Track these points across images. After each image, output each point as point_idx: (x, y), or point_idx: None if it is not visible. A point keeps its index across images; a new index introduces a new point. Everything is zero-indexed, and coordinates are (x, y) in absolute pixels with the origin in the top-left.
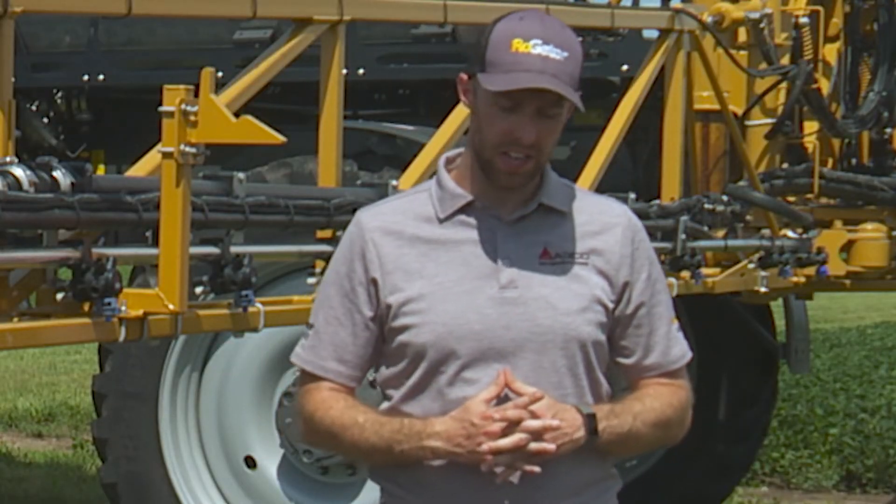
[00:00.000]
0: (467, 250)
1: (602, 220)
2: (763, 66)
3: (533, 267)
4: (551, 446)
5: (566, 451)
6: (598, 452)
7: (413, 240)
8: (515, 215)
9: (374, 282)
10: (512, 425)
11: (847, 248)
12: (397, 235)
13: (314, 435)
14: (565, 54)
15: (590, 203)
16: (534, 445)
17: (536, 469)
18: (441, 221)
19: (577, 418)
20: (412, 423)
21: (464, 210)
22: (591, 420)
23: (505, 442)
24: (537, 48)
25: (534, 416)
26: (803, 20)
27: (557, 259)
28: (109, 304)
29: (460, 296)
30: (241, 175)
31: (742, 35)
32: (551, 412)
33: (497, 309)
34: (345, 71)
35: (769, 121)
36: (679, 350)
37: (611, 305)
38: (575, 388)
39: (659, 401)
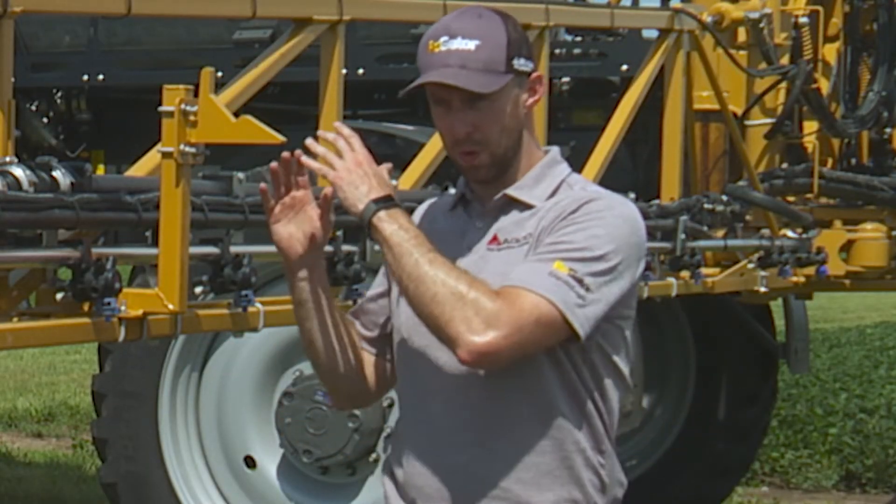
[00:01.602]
0: (449, 240)
1: (561, 205)
2: (763, 65)
3: (481, 254)
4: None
5: (345, 203)
6: (554, 441)
7: (429, 229)
8: (489, 207)
9: None
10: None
11: (847, 248)
12: (420, 225)
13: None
14: (476, 42)
15: (571, 193)
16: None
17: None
18: (447, 213)
19: (367, 194)
20: None
21: (461, 202)
22: (376, 204)
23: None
24: (445, 44)
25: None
26: (803, 20)
27: (504, 245)
28: (109, 304)
29: None
30: (241, 175)
31: (742, 35)
32: (377, 172)
33: None
34: (345, 71)
35: (769, 121)
36: (520, 276)
37: None
38: (524, 366)
39: (471, 280)
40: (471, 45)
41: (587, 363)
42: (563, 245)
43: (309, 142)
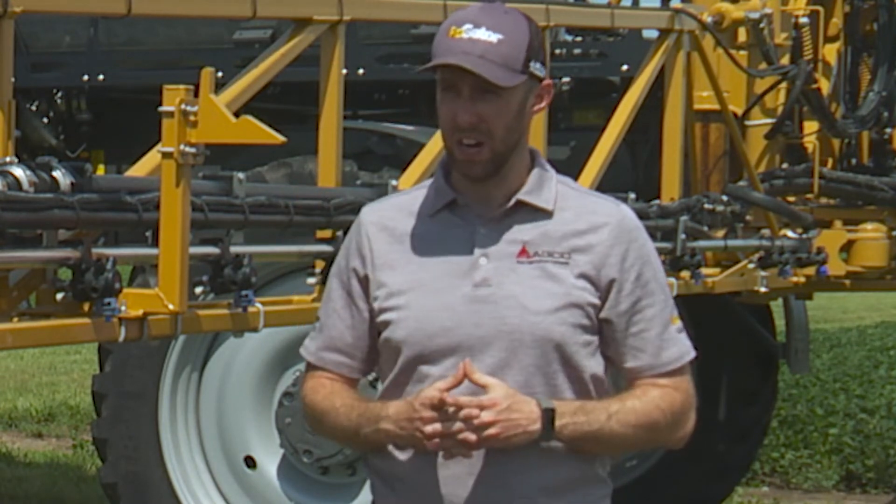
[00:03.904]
0: (449, 247)
1: (590, 219)
2: (763, 66)
3: (509, 265)
4: (492, 431)
5: (519, 443)
6: (577, 452)
7: (402, 236)
8: (496, 213)
9: (366, 277)
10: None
11: (847, 248)
12: (390, 231)
13: (308, 420)
14: (499, 36)
15: (583, 202)
16: (467, 435)
17: (469, 454)
18: (430, 218)
19: (533, 411)
20: (373, 406)
21: (450, 207)
22: (548, 413)
23: (436, 427)
24: (468, 32)
25: (482, 406)
26: (803, 20)
27: (536, 258)
28: (109, 304)
29: (436, 292)
30: (241, 175)
31: (742, 35)
32: (507, 402)
33: (469, 306)
34: (345, 71)
35: (769, 121)
36: (675, 352)
37: (595, 305)
38: (546, 387)
39: (642, 401)
40: (494, 37)
41: (597, 381)
42: (660, 295)
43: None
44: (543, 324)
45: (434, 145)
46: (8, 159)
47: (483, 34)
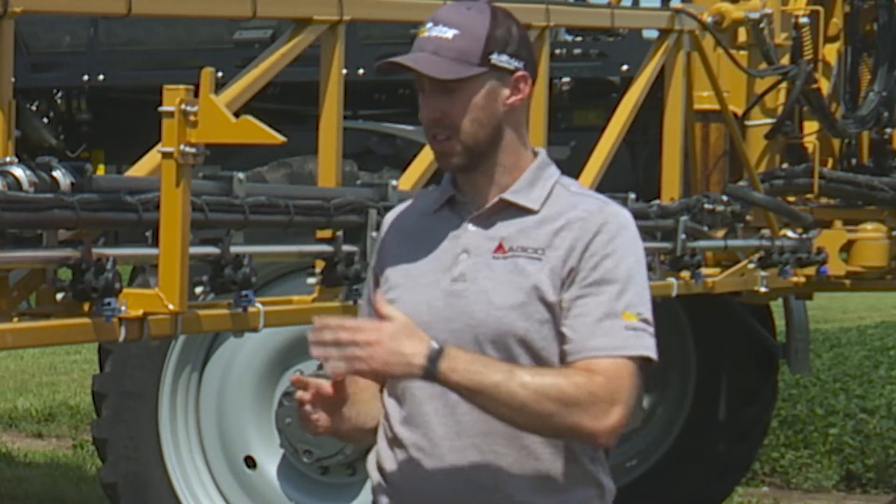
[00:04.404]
0: (439, 243)
1: (569, 216)
2: (763, 66)
3: (485, 261)
4: (374, 352)
5: (399, 373)
6: (553, 446)
7: (407, 233)
8: (484, 210)
9: (379, 273)
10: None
11: (847, 248)
12: (399, 229)
13: None
14: (454, 31)
15: (572, 200)
16: (351, 350)
17: (346, 369)
18: (432, 214)
19: (423, 346)
20: None
21: (450, 204)
22: (436, 353)
23: (322, 335)
24: (428, 31)
25: (367, 329)
26: (803, 20)
27: (510, 253)
28: (109, 304)
29: (422, 287)
30: (241, 175)
31: (742, 35)
32: (400, 330)
33: (445, 301)
34: (345, 71)
35: (769, 121)
36: (606, 342)
37: (556, 299)
38: None
39: (561, 374)
40: (448, 33)
41: None
42: (615, 287)
43: (318, 352)
44: (507, 318)
45: None
46: (8, 159)
47: (439, 31)
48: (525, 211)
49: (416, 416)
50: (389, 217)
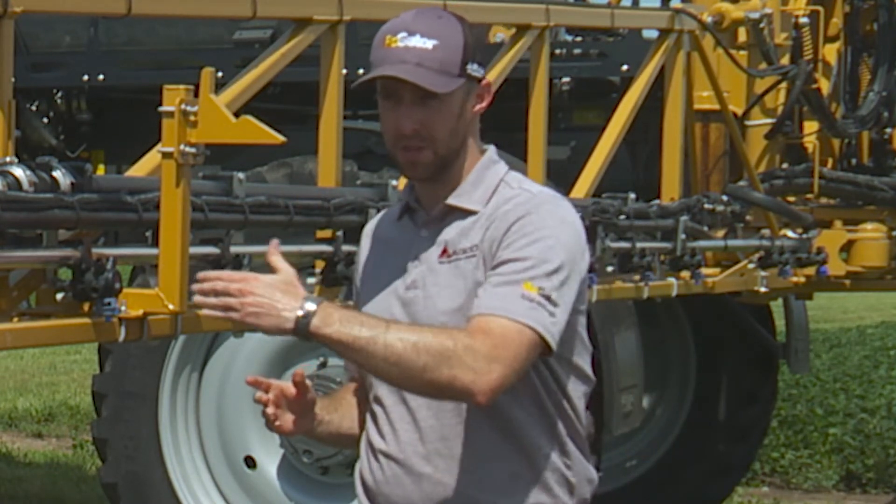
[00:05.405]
0: (399, 251)
1: (503, 208)
2: (763, 66)
3: (431, 267)
4: (247, 301)
5: (270, 326)
6: (517, 444)
7: (379, 241)
8: (434, 216)
9: (356, 281)
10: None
11: (847, 248)
12: (373, 237)
13: None
14: (434, 42)
15: (509, 195)
16: (223, 300)
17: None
18: (396, 223)
19: (298, 302)
20: None
21: (409, 212)
22: (309, 312)
23: (203, 286)
24: (403, 41)
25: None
26: (803, 20)
27: (453, 256)
28: (109, 304)
29: (384, 295)
30: (241, 175)
31: (742, 35)
32: (278, 284)
33: (401, 309)
34: (345, 71)
35: (769, 121)
36: (496, 304)
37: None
38: None
39: (444, 332)
40: (429, 44)
41: (547, 367)
42: (522, 263)
43: (198, 299)
44: (451, 322)
45: None
46: (8, 159)
47: (418, 41)
48: (469, 213)
49: (384, 424)
50: (369, 226)
